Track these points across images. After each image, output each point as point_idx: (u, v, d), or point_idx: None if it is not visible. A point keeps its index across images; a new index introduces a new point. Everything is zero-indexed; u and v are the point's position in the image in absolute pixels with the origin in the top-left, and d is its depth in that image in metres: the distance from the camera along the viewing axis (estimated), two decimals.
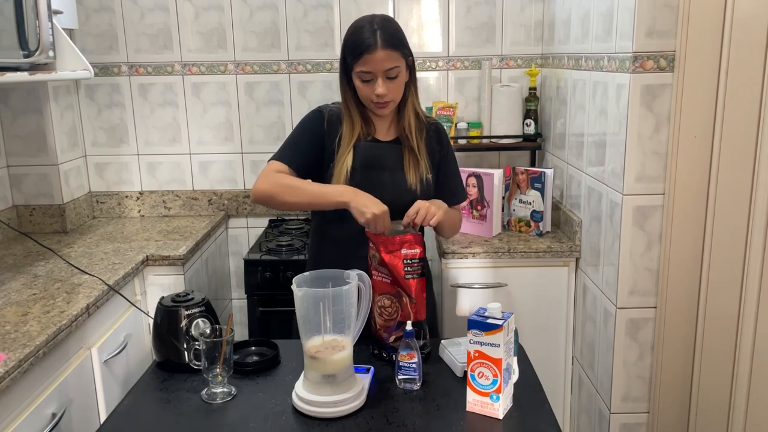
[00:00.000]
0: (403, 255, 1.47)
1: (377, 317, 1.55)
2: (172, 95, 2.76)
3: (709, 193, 1.82)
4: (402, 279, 1.47)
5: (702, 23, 1.73)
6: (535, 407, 1.36)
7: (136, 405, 1.41)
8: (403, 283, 1.48)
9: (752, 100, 1.72)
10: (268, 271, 2.40)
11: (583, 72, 2.19)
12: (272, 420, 1.31)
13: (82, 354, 1.77)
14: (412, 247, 1.47)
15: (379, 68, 1.58)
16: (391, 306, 1.51)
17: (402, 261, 1.47)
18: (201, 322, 1.53)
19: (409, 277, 1.47)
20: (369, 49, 1.56)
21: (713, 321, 1.87)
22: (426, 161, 1.73)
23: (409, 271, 1.47)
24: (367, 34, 1.57)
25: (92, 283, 1.91)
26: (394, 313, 1.51)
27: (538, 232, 2.44)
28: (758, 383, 1.82)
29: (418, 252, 1.48)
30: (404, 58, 1.62)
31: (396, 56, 1.59)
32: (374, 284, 1.51)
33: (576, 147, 2.30)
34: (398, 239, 1.47)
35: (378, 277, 1.53)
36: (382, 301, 1.53)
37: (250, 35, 2.72)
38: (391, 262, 1.47)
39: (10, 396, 1.42)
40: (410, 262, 1.47)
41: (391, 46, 1.57)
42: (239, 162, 2.83)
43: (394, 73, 1.60)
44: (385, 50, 1.56)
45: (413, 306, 1.48)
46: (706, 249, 1.85)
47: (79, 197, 2.71)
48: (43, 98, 2.48)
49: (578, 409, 2.39)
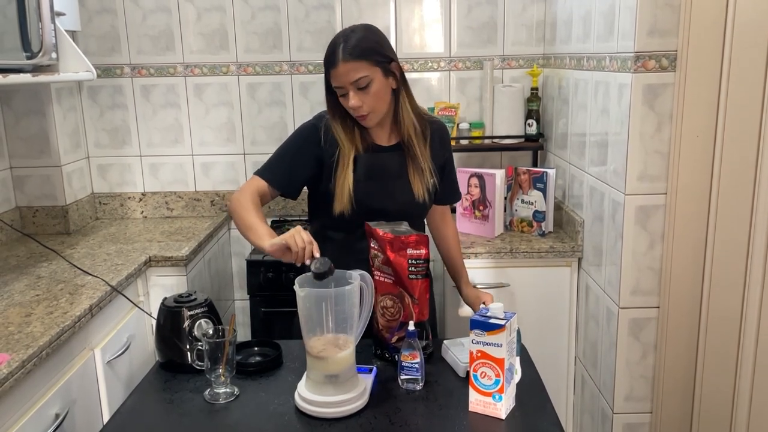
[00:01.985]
0: (408, 255, 1.46)
1: (379, 317, 1.55)
2: (174, 96, 2.77)
3: (711, 192, 1.82)
4: (406, 279, 1.47)
5: (704, 22, 1.73)
6: (538, 407, 1.36)
7: (139, 405, 1.41)
8: (407, 283, 1.48)
9: (754, 99, 1.72)
10: (270, 271, 2.41)
11: (585, 72, 2.19)
12: (275, 420, 1.32)
13: (86, 355, 1.77)
14: (418, 248, 1.47)
15: (345, 81, 1.54)
16: (393, 306, 1.51)
17: (407, 261, 1.47)
18: (204, 322, 1.53)
19: (414, 278, 1.47)
20: (333, 64, 1.55)
21: (716, 320, 1.87)
22: (430, 166, 1.70)
23: (413, 272, 1.47)
24: (332, 49, 1.56)
25: (95, 284, 1.92)
26: (396, 314, 1.51)
27: (540, 232, 2.44)
28: (761, 382, 1.82)
29: (424, 253, 1.48)
30: (377, 65, 1.56)
31: (361, 66, 1.54)
32: (376, 285, 1.51)
33: (578, 147, 2.30)
34: (404, 239, 1.47)
35: (381, 277, 1.53)
36: (384, 301, 1.53)
37: (251, 36, 2.73)
38: (396, 261, 1.47)
39: (13, 397, 1.42)
40: (415, 262, 1.47)
41: (353, 57, 1.53)
42: (241, 163, 2.83)
43: (363, 83, 1.55)
44: (347, 63, 1.53)
45: (416, 306, 1.48)
46: (709, 248, 1.85)
47: (82, 198, 2.71)
48: (45, 100, 2.48)
49: (581, 409, 2.39)
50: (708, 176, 1.81)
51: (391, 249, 1.48)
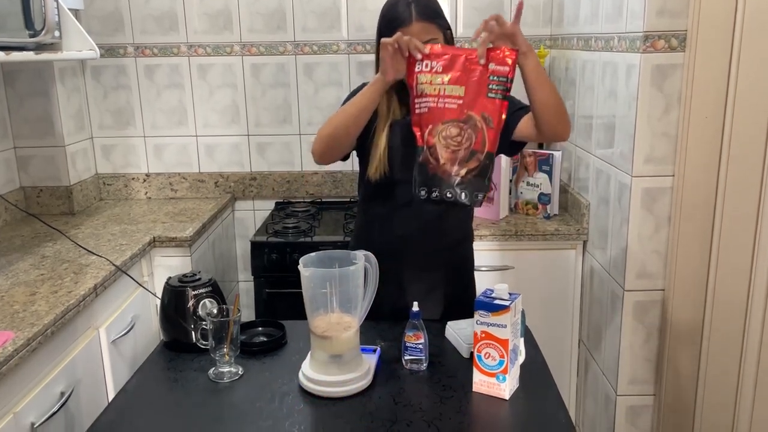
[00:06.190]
0: (490, 71, 1.36)
1: (442, 151, 1.42)
2: (178, 77, 2.75)
3: (719, 175, 1.80)
4: (484, 97, 1.36)
5: (714, 1, 1.70)
6: (542, 388, 1.36)
7: (144, 384, 1.42)
8: (484, 101, 1.36)
9: (765, 80, 1.70)
10: (274, 253, 2.40)
11: (593, 53, 2.16)
12: (279, 399, 1.32)
13: (90, 334, 1.78)
14: (503, 63, 1.34)
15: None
16: (459, 134, 1.39)
17: (488, 77, 1.36)
18: (208, 302, 1.53)
19: (493, 96, 1.37)
20: (404, 23, 1.54)
21: (721, 304, 1.86)
22: None
23: (494, 90, 1.36)
24: (401, 8, 1.56)
25: (100, 263, 1.92)
26: (464, 141, 1.39)
27: (545, 215, 2.43)
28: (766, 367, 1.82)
29: (509, 70, 1.36)
30: (441, 30, 1.58)
31: (432, 28, 1.55)
32: (435, 113, 1.40)
33: (584, 129, 2.28)
34: (486, 50, 1.34)
35: (440, 103, 1.40)
36: (447, 130, 1.40)
37: (256, 17, 2.70)
38: (475, 76, 1.35)
39: (19, 374, 1.43)
40: (497, 79, 1.35)
41: (426, 18, 1.55)
42: (245, 144, 2.82)
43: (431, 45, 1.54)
44: (420, 22, 1.54)
45: (491, 131, 1.37)
46: (716, 231, 1.83)
47: (86, 179, 2.71)
48: (49, 80, 2.47)
49: (584, 392, 2.39)
50: (716, 158, 1.80)
51: (466, 59, 1.37)
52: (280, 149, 2.80)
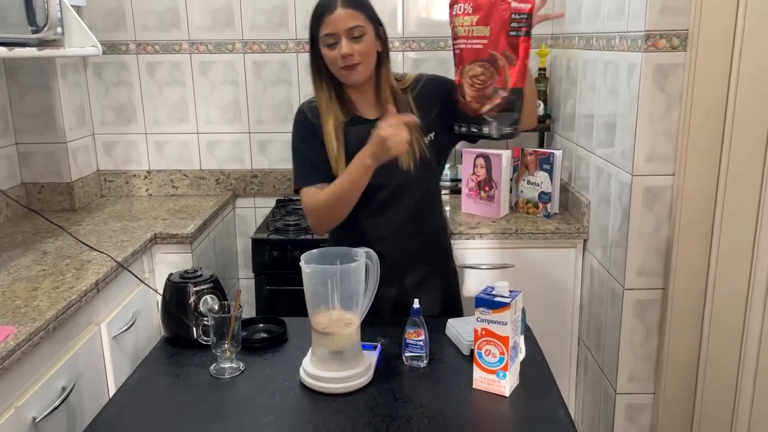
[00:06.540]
0: (513, 9, 1.41)
1: (467, 89, 1.50)
2: (179, 74, 2.75)
3: (720, 173, 1.80)
4: (507, 36, 1.42)
5: (716, 1, 1.70)
6: (542, 385, 1.36)
7: (145, 379, 1.42)
8: (507, 40, 1.41)
9: (765, 79, 1.70)
10: (275, 250, 2.41)
11: (594, 52, 2.17)
12: (280, 395, 1.32)
13: (92, 329, 1.78)
14: (523, 0, 1.41)
15: (341, 27, 1.53)
16: (484, 73, 1.46)
17: (510, 15, 1.40)
18: (209, 298, 1.54)
19: (515, 34, 1.42)
20: (329, 9, 1.54)
21: (721, 302, 1.87)
22: (417, 131, 1.61)
23: (515, 27, 1.41)
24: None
25: (101, 259, 1.92)
26: (488, 80, 1.46)
27: (545, 214, 2.44)
28: (766, 365, 1.82)
29: (530, 7, 1.42)
30: (370, 21, 1.57)
31: (357, 15, 1.55)
32: (465, 54, 1.48)
33: (585, 128, 2.29)
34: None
35: (468, 44, 1.48)
36: (473, 69, 1.47)
37: (257, 14, 2.70)
38: (497, 15, 1.40)
39: (21, 369, 1.43)
40: (518, 17, 1.41)
41: (351, 5, 1.55)
42: (247, 142, 2.82)
43: (357, 33, 1.54)
44: (344, 8, 1.54)
45: (513, 69, 1.42)
46: (716, 230, 1.84)
47: (88, 175, 2.71)
48: (51, 76, 2.47)
49: (584, 390, 2.40)
50: (717, 157, 1.80)
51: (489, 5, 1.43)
52: (281, 147, 2.80)
